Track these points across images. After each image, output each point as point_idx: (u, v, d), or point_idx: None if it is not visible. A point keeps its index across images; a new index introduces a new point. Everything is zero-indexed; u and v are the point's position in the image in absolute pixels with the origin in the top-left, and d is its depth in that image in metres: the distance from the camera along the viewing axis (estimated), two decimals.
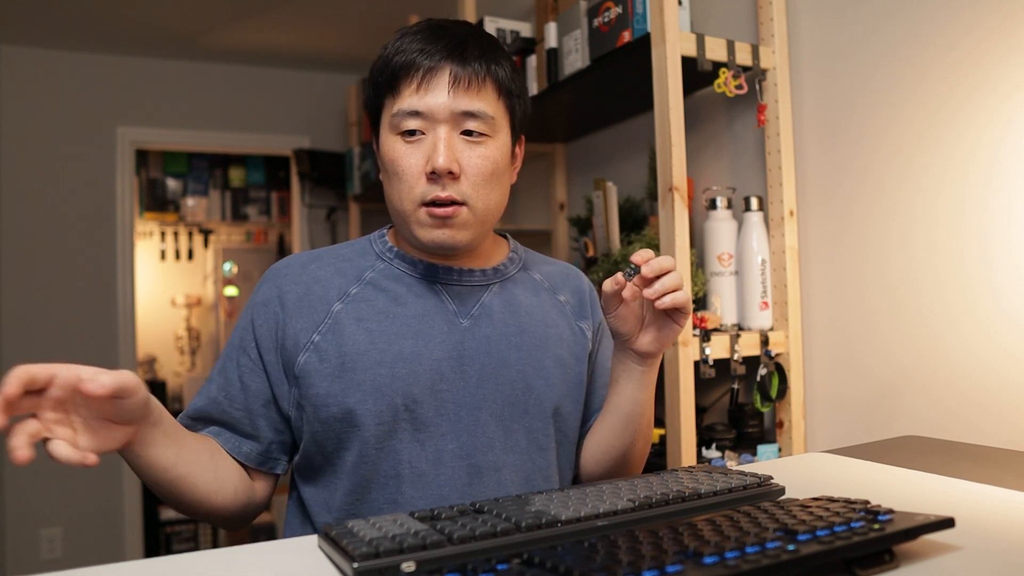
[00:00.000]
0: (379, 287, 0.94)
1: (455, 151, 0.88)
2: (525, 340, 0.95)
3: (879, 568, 0.56)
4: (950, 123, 1.25)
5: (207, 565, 0.62)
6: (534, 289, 1.01)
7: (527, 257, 1.05)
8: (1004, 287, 1.17)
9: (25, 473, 3.28)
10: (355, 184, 3.27)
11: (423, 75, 0.87)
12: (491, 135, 0.90)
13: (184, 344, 4.93)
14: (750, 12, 1.60)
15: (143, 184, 4.72)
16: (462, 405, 0.91)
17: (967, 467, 0.93)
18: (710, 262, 1.53)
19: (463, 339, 0.92)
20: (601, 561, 0.52)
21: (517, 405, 0.93)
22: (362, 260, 0.97)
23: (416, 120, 0.88)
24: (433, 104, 0.87)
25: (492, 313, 0.95)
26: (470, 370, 0.91)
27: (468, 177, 0.88)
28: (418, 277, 0.95)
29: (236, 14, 3.16)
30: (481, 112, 0.89)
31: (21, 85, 3.37)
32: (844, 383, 1.44)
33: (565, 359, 0.98)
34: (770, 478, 0.78)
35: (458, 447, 0.90)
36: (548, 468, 0.95)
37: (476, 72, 0.88)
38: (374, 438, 0.88)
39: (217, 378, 0.95)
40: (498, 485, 0.90)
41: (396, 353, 0.89)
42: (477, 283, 0.96)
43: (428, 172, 0.87)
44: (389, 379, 0.88)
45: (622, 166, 2.07)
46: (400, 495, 0.88)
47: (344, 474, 0.89)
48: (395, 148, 0.89)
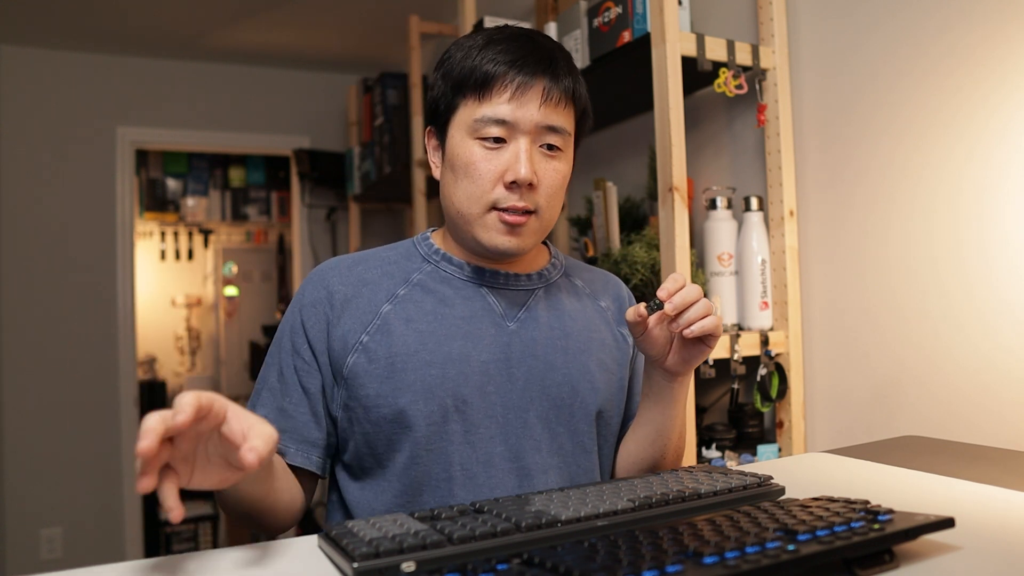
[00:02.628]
0: (427, 289, 0.94)
1: (535, 163, 0.89)
2: (570, 344, 0.96)
3: (879, 568, 0.56)
4: (950, 123, 1.25)
5: (207, 565, 0.62)
6: (576, 295, 1.03)
7: (568, 263, 1.07)
8: (1004, 286, 1.17)
9: (25, 473, 3.28)
10: (355, 184, 3.27)
11: (517, 86, 0.88)
12: (565, 150, 0.93)
13: (184, 344, 4.93)
14: (750, 12, 1.60)
15: (143, 184, 4.72)
16: (509, 407, 0.91)
17: (967, 467, 0.93)
18: (710, 262, 1.53)
19: (510, 341, 0.93)
20: (601, 561, 0.52)
21: (563, 408, 0.93)
22: (408, 263, 0.98)
23: (501, 128, 0.89)
24: (522, 116, 0.88)
25: (538, 317, 0.96)
26: (517, 372, 0.92)
27: (542, 189, 0.90)
28: (465, 280, 0.96)
29: (236, 14, 3.16)
30: (562, 128, 0.91)
31: (21, 85, 3.36)
32: (844, 383, 1.44)
33: (608, 364, 0.99)
34: (770, 478, 0.78)
35: (506, 449, 0.90)
36: (592, 470, 0.96)
37: (566, 89, 0.90)
38: (425, 439, 0.88)
39: (277, 385, 0.94)
40: (545, 487, 0.90)
41: (446, 354, 0.89)
42: (523, 287, 0.98)
43: (508, 181, 0.88)
44: (440, 379, 0.88)
45: (622, 166, 2.07)
46: (452, 498, 0.87)
47: (395, 475, 0.89)
48: (472, 151, 0.90)
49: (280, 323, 0.98)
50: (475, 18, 2.13)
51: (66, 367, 3.38)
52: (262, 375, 0.96)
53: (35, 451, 3.30)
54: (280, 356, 0.95)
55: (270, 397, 0.94)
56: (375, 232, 3.72)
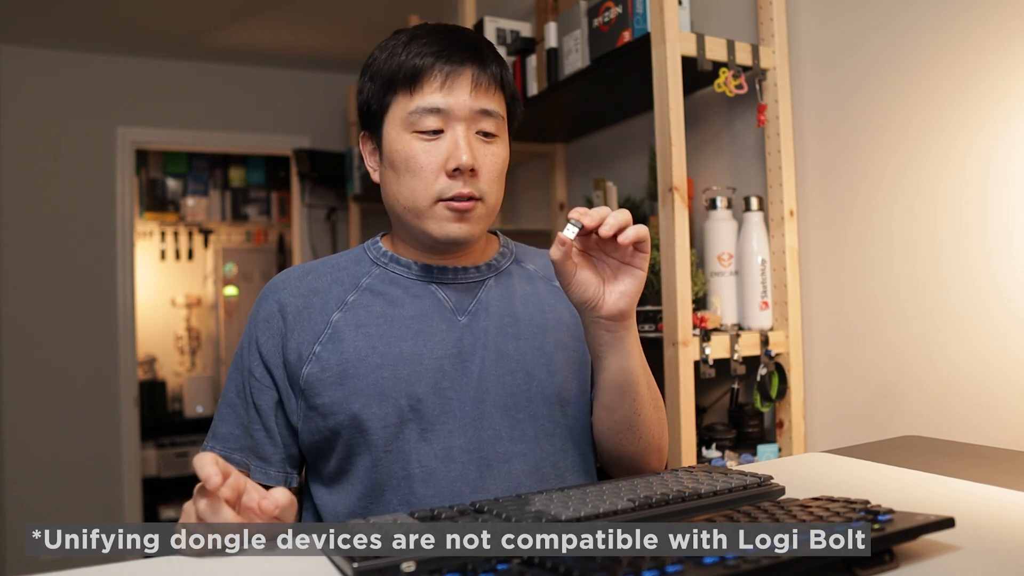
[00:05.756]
0: (376, 292, 0.95)
1: (473, 149, 0.90)
2: (522, 330, 0.96)
3: (879, 568, 0.56)
4: (949, 122, 1.25)
5: (207, 565, 0.62)
6: (528, 279, 1.02)
7: (518, 250, 1.06)
8: (1004, 286, 1.17)
9: (25, 473, 3.28)
10: (355, 184, 3.27)
11: (446, 75, 0.90)
12: (499, 135, 0.94)
13: (184, 344, 4.93)
14: (750, 12, 1.60)
15: (143, 184, 4.72)
16: (466, 400, 0.91)
17: (967, 467, 0.92)
18: (710, 262, 1.53)
19: (462, 335, 0.93)
20: (601, 561, 0.52)
21: (520, 395, 0.94)
22: (357, 267, 0.99)
23: (436, 118, 0.90)
24: (455, 103, 0.90)
25: (489, 307, 0.96)
26: (471, 365, 0.92)
27: (484, 174, 0.92)
28: (414, 279, 0.97)
29: (236, 14, 3.16)
30: (495, 112, 0.93)
31: (21, 85, 3.36)
32: (844, 383, 1.44)
33: (566, 342, 0.98)
34: (770, 478, 0.78)
35: (465, 442, 0.90)
36: (555, 454, 0.95)
37: (493, 75, 0.93)
38: (382, 441, 0.89)
39: (236, 400, 0.97)
40: (508, 476, 0.91)
41: (396, 355, 0.91)
42: (472, 280, 0.98)
43: (450, 169, 0.90)
44: (392, 381, 0.89)
45: (622, 166, 2.07)
46: (412, 495, 0.88)
47: (357, 479, 0.91)
48: (411, 145, 0.91)
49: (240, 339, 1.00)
50: (475, 18, 2.13)
51: (66, 367, 3.38)
52: (224, 389, 1.00)
53: (35, 451, 3.30)
54: (236, 375, 0.98)
55: (231, 413, 0.97)
56: (375, 232, 3.70)
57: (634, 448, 0.95)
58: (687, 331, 1.37)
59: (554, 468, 0.94)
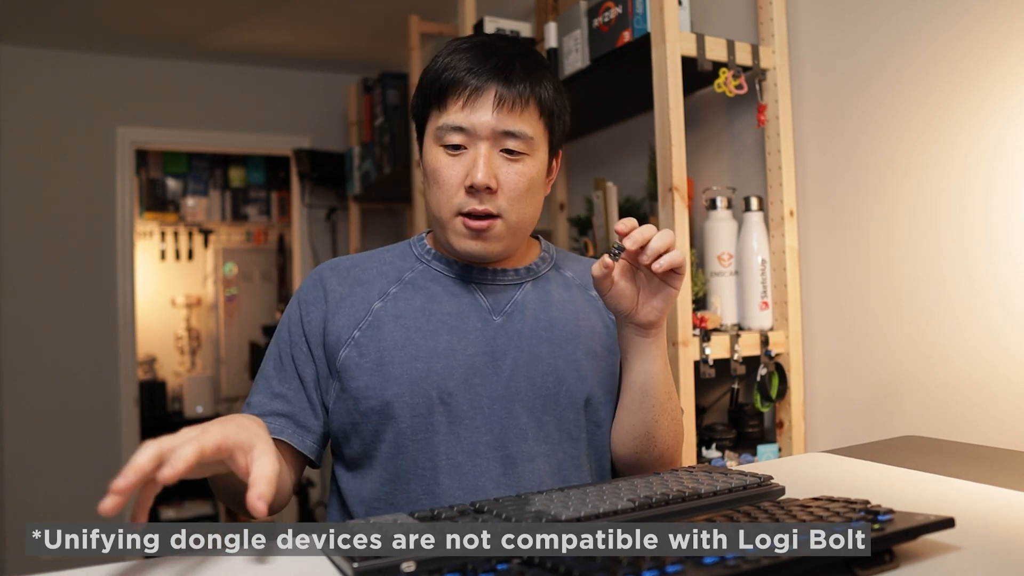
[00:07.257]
0: (417, 287, 0.99)
1: (493, 167, 0.92)
2: (556, 334, 0.98)
3: (879, 568, 0.56)
4: (949, 122, 1.25)
5: (207, 565, 0.62)
6: (566, 286, 1.05)
7: (558, 256, 1.09)
8: (1004, 286, 1.17)
9: (25, 473, 3.28)
10: (355, 184, 3.27)
11: (469, 93, 0.91)
12: (529, 153, 0.94)
13: (184, 344, 4.93)
14: (750, 12, 1.60)
15: (143, 184, 4.72)
16: (495, 398, 0.94)
17: (967, 467, 0.93)
18: (710, 262, 1.53)
19: (496, 335, 0.96)
20: (601, 561, 0.52)
21: (548, 397, 0.96)
22: (402, 262, 1.02)
23: (459, 135, 0.92)
24: (476, 122, 0.91)
25: (524, 310, 0.99)
26: (502, 364, 0.95)
27: (504, 192, 0.93)
28: (454, 277, 1.00)
29: (236, 14, 3.16)
30: (521, 132, 0.93)
31: (21, 85, 3.36)
32: (844, 383, 1.44)
33: (597, 351, 1.00)
34: (770, 478, 0.78)
35: (492, 439, 0.93)
36: (579, 457, 0.98)
37: (520, 94, 0.92)
38: (410, 429, 0.92)
39: (275, 373, 0.99)
40: (531, 475, 0.93)
41: (431, 348, 0.94)
42: (510, 282, 1.00)
43: (467, 186, 0.92)
44: (425, 373, 0.92)
45: (622, 166, 2.07)
46: (438, 486, 0.91)
47: (380, 464, 0.93)
48: (437, 158, 0.94)
49: (280, 319, 1.04)
50: (475, 18, 2.13)
51: (66, 367, 3.38)
52: (262, 365, 1.02)
53: (35, 451, 3.30)
54: (279, 346, 1.00)
55: (266, 383, 0.98)
56: (375, 232, 3.72)
57: (649, 458, 0.99)
58: (687, 331, 1.37)
59: (575, 471, 0.97)
